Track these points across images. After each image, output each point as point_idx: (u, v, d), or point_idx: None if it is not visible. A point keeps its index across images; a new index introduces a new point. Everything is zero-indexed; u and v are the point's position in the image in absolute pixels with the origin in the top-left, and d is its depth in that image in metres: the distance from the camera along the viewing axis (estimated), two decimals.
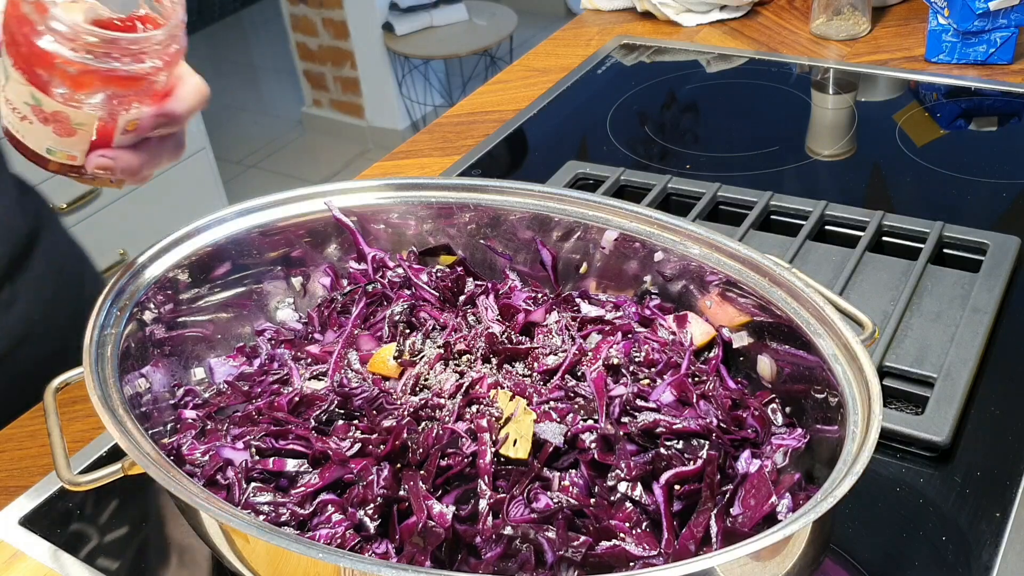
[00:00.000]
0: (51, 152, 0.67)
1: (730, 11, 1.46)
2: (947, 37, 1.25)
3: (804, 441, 0.61)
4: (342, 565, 0.48)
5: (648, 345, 0.68)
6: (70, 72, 0.61)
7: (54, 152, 0.67)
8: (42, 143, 0.66)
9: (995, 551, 0.64)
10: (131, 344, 0.66)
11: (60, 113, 0.64)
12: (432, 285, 0.75)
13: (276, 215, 0.75)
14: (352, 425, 0.62)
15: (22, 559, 0.70)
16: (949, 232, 0.90)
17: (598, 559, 0.54)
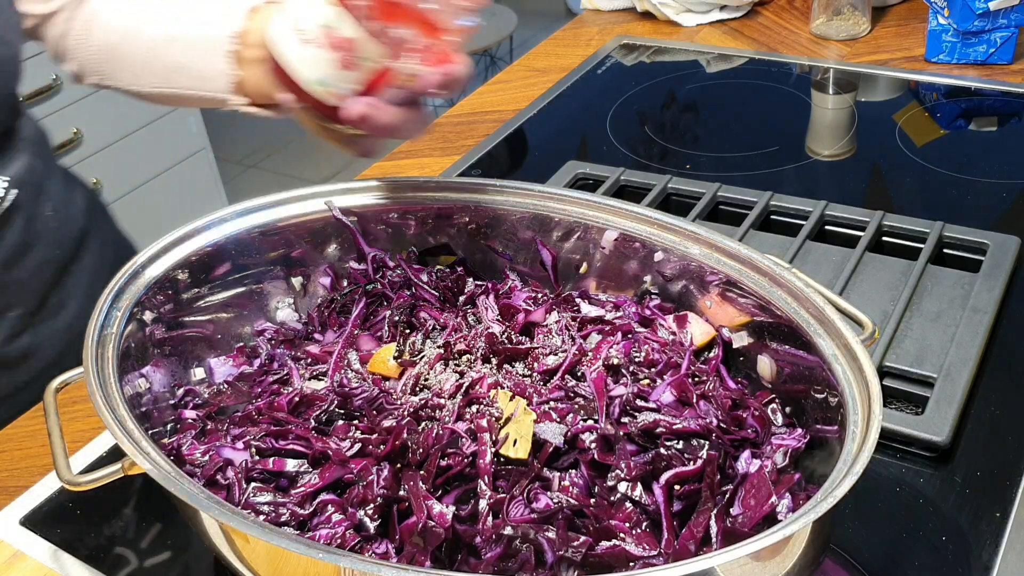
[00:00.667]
0: (322, 84, 0.65)
1: (730, 11, 1.46)
2: (947, 37, 1.25)
3: (804, 441, 0.61)
4: (342, 565, 0.48)
5: (648, 345, 0.68)
6: (398, 4, 0.60)
7: (325, 84, 0.65)
8: (316, 71, 0.65)
9: (995, 551, 0.64)
10: (131, 344, 0.66)
11: (353, 41, 0.62)
12: (432, 285, 0.75)
13: (276, 215, 0.75)
14: (352, 425, 0.62)
15: (22, 559, 0.70)
16: (949, 232, 0.90)
17: (598, 559, 0.54)
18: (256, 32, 0.78)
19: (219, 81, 0.81)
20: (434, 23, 0.61)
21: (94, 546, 0.71)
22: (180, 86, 0.84)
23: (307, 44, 0.64)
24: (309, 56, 0.65)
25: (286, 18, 0.67)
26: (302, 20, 0.64)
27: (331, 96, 0.67)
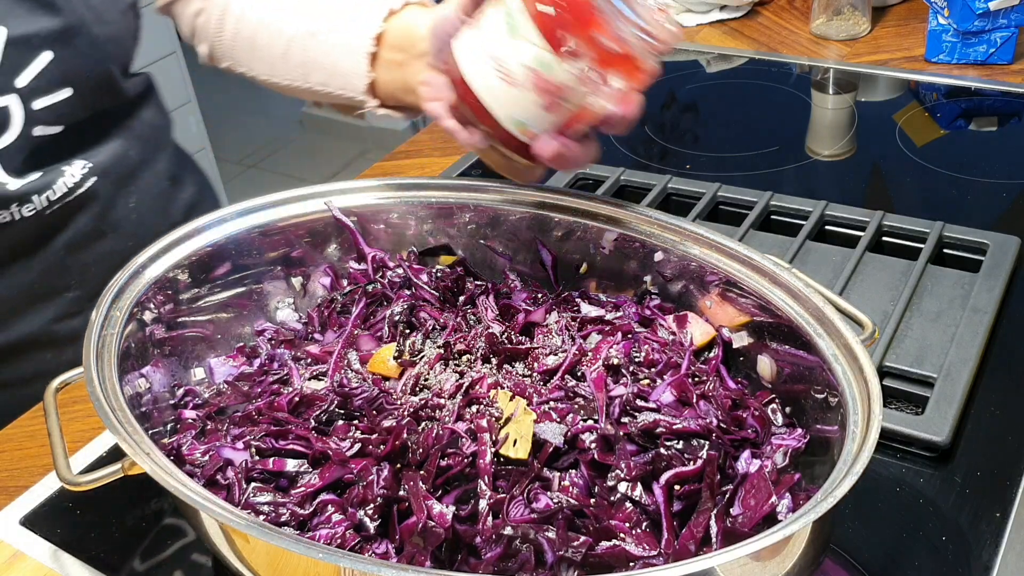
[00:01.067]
0: (518, 124, 0.64)
1: (730, 11, 1.46)
2: (947, 37, 1.25)
3: (804, 441, 0.61)
4: (342, 565, 0.48)
5: (648, 345, 0.68)
6: (607, 46, 0.59)
7: (522, 125, 0.64)
8: (513, 112, 0.63)
9: (995, 551, 0.64)
10: (131, 344, 0.66)
11: (562, 86, 0.61)
12: (432, 285, 0.75)
13: (276, 215, 0.75)
14: (352, 425, 0.62)
15: (22, 559, 0.70)
16: (949, 232, 0.90)
17: (598, 559, 0.54)
18: (395, 34, 0.79)
19: (355, 81, 0.82)
20: (636, 64, 0.61)
21: (94, 546, 0.70)
22: (315, 82, 0.85)
23: (510, 84, 0.62)
24: (511, 96, 0.63)
25: (480, 45, 0.64)
26: (505, 58, 0.62)
27: (526, 135, 0.65)
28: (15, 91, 0.80)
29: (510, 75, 0.62)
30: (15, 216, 0.84)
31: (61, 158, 0.86)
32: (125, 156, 0.92)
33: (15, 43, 0.79)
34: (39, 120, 0.83)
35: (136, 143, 0.94)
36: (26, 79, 0.80)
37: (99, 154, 0.89)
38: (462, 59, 0.65)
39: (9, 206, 0.83)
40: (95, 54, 0.85)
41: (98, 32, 0.85)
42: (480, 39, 0.64)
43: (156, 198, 0.96)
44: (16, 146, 0.82)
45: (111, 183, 0.91)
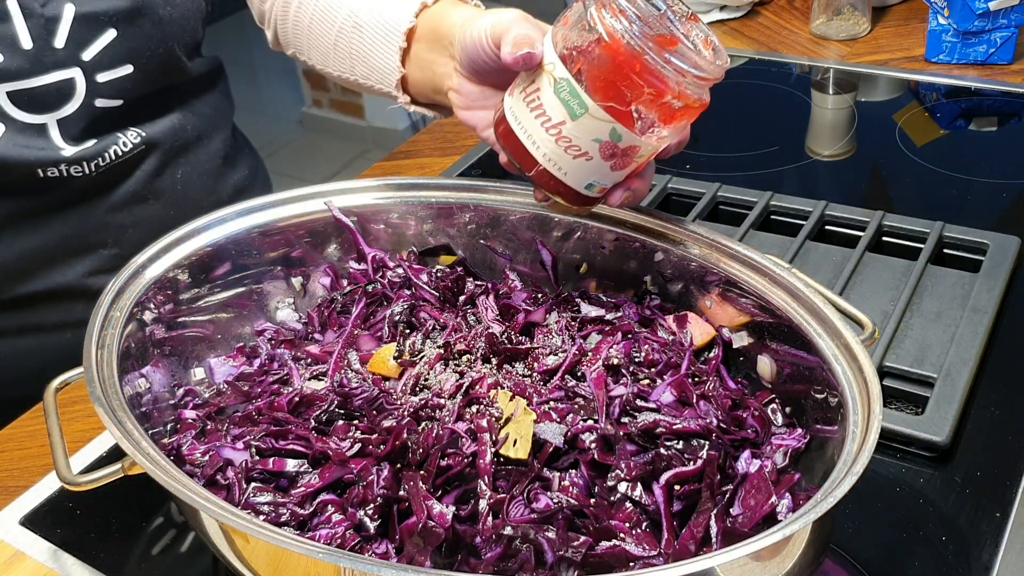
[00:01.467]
0: (590, 187, 0.65)
1: (730, 11, 1.46)
2: (947, 37, 1.25)
3: (804, 441, 0.61)
4: (342, 565, 0.48)
5: (648, 345, 0.68)
6: (672, 104, 0.61)
7: (593, 187, 0.66)
8: (586, 179, 0.65)
9: (995, 551, 0.64)
10: (131, 344, 0.66)
11: (632, 147, 0.63)
12: (432, 285, 0.75)
13: (276, 215, 0.75)
14: (352, 425, 0.62)
15: (22, 559, 0.70)
16: (949, 232, 0.90)
17: (598, 559, 0.54)
18: (425, 30, 0.79)
19: (390, 75, 0.82)
20: (697, 107, 0.63)
21: (94, 546, 0.70)
22: (360, 75, 0.86)
23: (578, 157, 0.63)
24: (575, 166, 0.64)
25: (540, 126, 0.64)
26: (574, 137, 0.62)
27: (597, 193, 0.67)
28: (80, 64, 0.84)
29: (580, 151, 0.63)
30: (63, 173, 0.87)
31: (117, 128, 0.89)
32: (181, 130, 0.95)
33: (83, 19, 0.83)
34: (100, 93, 0.86)
35: (194, 120, 0.96)
36: (91, 54, 0.84)
37: (155, 126, 0.92)
38: (525, 139, 0.65)
39: (59, 165, 0.86)
40: (158, 34, 0.88)
41: (163, 13, 0.88)
42: (539, 120, 0.64)
43: (205, 174, 0.99)
44: (77, 115, 0.86)
45: (162, 153, 0.93)
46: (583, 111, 0.61)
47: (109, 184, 0.91)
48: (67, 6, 0.82)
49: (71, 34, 0.83)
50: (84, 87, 0.85)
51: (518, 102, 0.65)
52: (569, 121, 0.62)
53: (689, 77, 0.60)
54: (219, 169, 1.01)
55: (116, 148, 0.89)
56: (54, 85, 0.83)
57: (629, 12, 0.59)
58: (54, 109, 0.84)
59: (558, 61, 0.62)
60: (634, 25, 0.59)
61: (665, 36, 0.60)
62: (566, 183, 0.65)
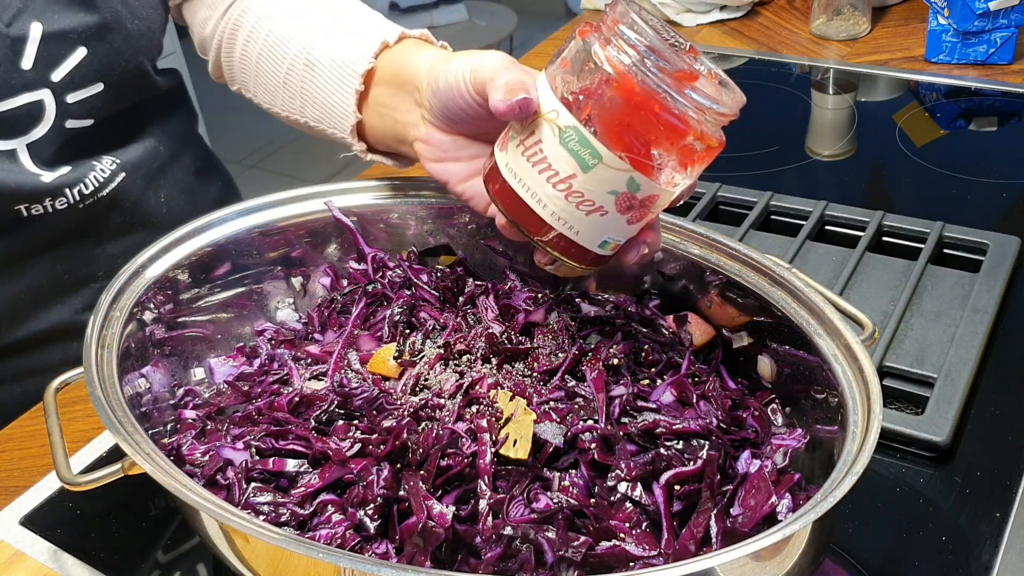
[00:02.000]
0: (603, 245, 0.59)
1: (730, 11, 1.46)
2: (947, 37, 1.25)
3: (804, 441, 0.61)
4: (342, 565, 0.48)
5: (648, 345, 0.68)
6: (693, 147, 0.56)
7: (607, 245, 0.59)
8: (600, 236, 0.59)
9: (995, 551, 0.64)
10: (131, 344, 0.66)
11: (651, 197, 0.57)
12: (432, 285, 0.75)
13: (276, 215, 0.75)
14: (352, 425, 0.62)
15: (22, 559, 0.70)
16: (949, 232, 0.90)
17: (598, 559, 0.54)
18: (386, 73, 0.73)
19: (344, 120, 0.77)
20: (715, 145, 0.58)
21: (94, 546, 0.70)
22: (311, 117, 0.81)
23: (591, 213, 0.57)
24: (589, 223, 0.57)
25: (544, 181, 0.57)
26: (588, 191, 0.56)
27: (611, 251, 0.60)
28: (49, 85, 0.81)
29: (595, 206, 0.57)
30: (48, 209, 0.85)
31: (91, 152, 0.87)
32: (155, 151, 0.93)
33: (51, 39, 0.80)
34: (71, 114, 0.84)
35: (165, 138, 0.95)
36: (60, 74, 0.81)
37: (129, 150, 0.90)
38: (529, 199, 0.58)
39: (43, 200, 0.84)
40: (128, 49, 0.86)
41: (131, 27, 0.85)
42: (544, 175, 0.57)
43: (184, 192, 0.98)
44: (48, 138, 0.83)
45: (141, 178, 0.92)
46: (596, 161, 0.55)
47: (95, 216, 0.89)
48: (34, 25, 0.79)
49: (39, 54, 0.79)
50: (54, 109, 0.82)
51: (515, 157, 0.59)
52: (580, 174, 0.56)
53: (710, 114, 0.55)
54: (195, 185, 1.00)
55: (94, 175, 0.87)
56: (23, 108, 0.80)
57: (640, 46, 0.53)
58: (23, 133, 0.81)
59: (561, 107, 0.56)
60: (647, 60, 0.53)
61: (683, 71, 0.53)
62: (579, 243, 0.59)
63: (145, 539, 0.71)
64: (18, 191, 0.82)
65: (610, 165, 0.55)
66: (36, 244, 0.87)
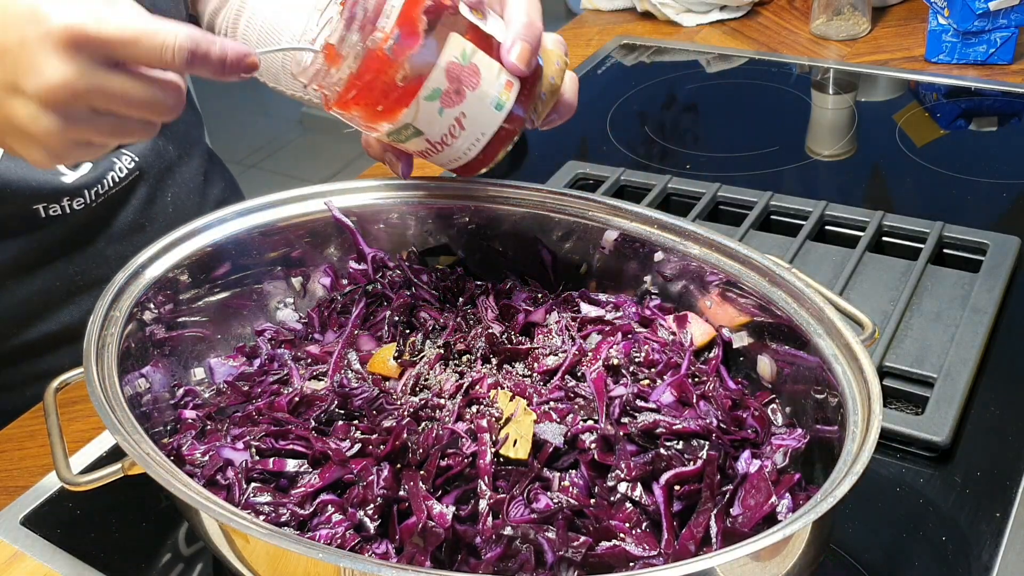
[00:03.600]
0: (500, 106, 0.64)
1: (730, 11, 1.46)
2: (947, 37, 1.25)
3: (804, 441, 0.61)
4: (342, 565, 0.48)
5: (648, 345, 0.68)
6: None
7: (503, 104, 0.64)
8: (487, 103, 0.64)
9: (995, 551, 0.64)
10: (131, 344, 0.66)
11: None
12: (432, 285, 0.75)
13: (276, 215, 0.75)
14: (352, 425, 0.62)
15: (22, 559, 0.70)
16: (949, 232, 0.90)
17: (598, 559, 0.54)
18: None
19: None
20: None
21: (94, 546, 0.70)
22: (312, 95, 0.84)
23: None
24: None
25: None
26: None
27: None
28: None
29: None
30: (65, 210, 0.86)
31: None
32: (165, 151, 0.95)
33: None
34: None
35: (173, 139, 0.96)
36: None
37: (144, 148, 0.92)
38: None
39: (61, 199, 0.85)
40: None
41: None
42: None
43: (191, 193, 0.99)
44: None
45: (152, 177, 0.93)
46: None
47: (108, 215, 0.90)
48: None
49: None
50: None
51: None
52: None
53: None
54: (202, 187, 1.01)
55: (113, 174, 0.89)
56: None
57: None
58: None
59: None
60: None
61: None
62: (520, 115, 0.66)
63: (145, 539, 0.71)
64: (39, 190, 0.84)
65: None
66: (51, 245, 0.88)
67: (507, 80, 0.64)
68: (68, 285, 0.90)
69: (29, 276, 0.88)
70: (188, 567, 0.69)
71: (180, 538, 0.71)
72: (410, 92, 0.61)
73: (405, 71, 0.60)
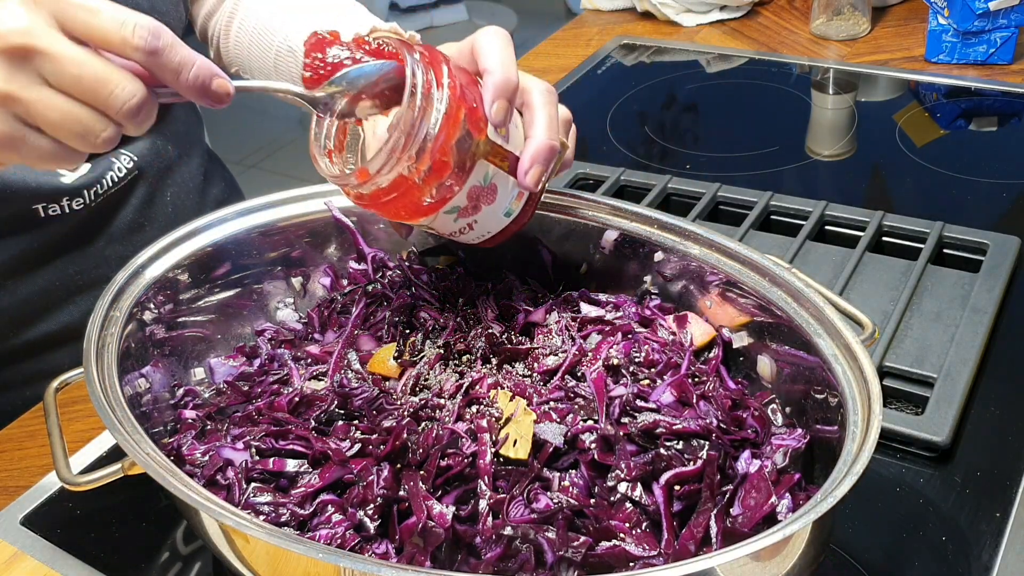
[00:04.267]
0: (509, 214, 0.67)
1: (730, 11, 1.46)
2: (947, 37, 1.25)
3: (804, 441, 0.61)
4: (342, 565, 0.48)
5: (648, 345, 0.68)
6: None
7: (512, 212, 0.67)
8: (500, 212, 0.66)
9: (995, 551, 0.64)
10: (131, 344, 0.66)
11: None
12: (432, 285, 0.75)
13: (276, 215, 0.75)
14: (352, 425, 0.62)
15: (22, 559, 0.70)
16: (949, 232, 0.90)
17: (598, 559, 0.54)
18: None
19: None
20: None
21: (94, 546, 0.71)
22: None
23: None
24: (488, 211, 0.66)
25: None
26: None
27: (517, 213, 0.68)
28: None
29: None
30: (65, 209, 0.86)
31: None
32: (164, 150, 0.95)
33: None
34: None
35: (173, 139, 0.97)
36: None
37: (143, 148, 0.92)
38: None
39: (61, 199, 0.85)
40: None
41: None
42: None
43: (190, 193, 0.99)
44: None
45: (152, 177, 0.94)
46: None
47: (107, 215, 0.90)
48: None
49: None
50: None
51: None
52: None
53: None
54: (201, 187, 1.01)
55: (112, 174, 0.89)
56: None
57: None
58: None
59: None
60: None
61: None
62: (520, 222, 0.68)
63: (145, 539, 0.71)
64: (38, 190, 0.84)
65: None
66: (51, 245, 0.88)
67: (519, 192, 0.66)
68: (68, 285, 0.90)
69: (29, 276, 0.88)
70: (188, 567, 0.69)
71: (180, 538, 0.71)
72: (432, 209, 0.63)
73: (431, 194, 0.62)
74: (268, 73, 0.92)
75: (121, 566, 0.69)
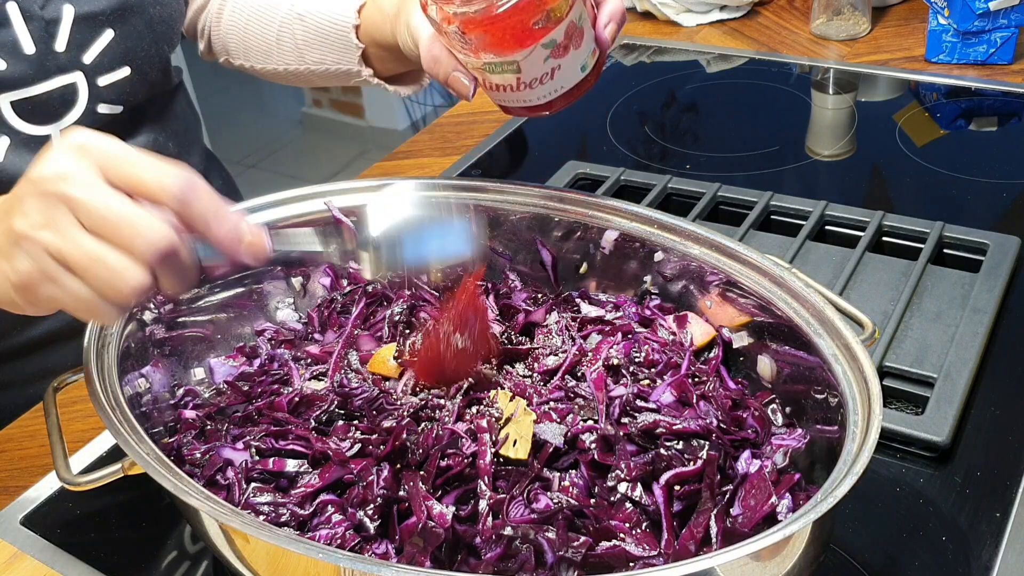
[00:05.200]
0: (584, 68, 0.69)
1: (730, 11, 1.46)
2: (947, 37, 1.25)
3: (804, 441, 0.61)
4: (342, 565, 0.48)
5: (648, 345, 0.68)
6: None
7: (587, 67, 0.69)
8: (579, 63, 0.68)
9: (995, 551, 0.64)
10: (131, 344, 0.66)
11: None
12: (432, 285, 0.75)
13: (276, 215, 0.75)
14: (352, 425, 0.62)
15: (22, 559, 0.70)
16: (949, 232, 0.90)
17: (598, 559, 0.54)
18: (372, 10, 0.82)
19: (349, 53, 0.85)
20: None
21: (94, 546, 0.70)
22: (312, 62, 0.88)
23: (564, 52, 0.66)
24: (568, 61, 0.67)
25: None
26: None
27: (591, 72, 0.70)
28: (81, 68, 0.84)
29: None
30: None
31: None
32: (165, 147, 0.95)
33: (81, 21, 0.83)
34: (102, 98, 0.86)
35: (172, 137, 0.97)
36: (91, 56, 0.84)
37: (143, 144, 0.92)
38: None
39: None
40: (149, 34, 0.88)
41: (152, 12, 0.88)
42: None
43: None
44: (81, 123, 0.85)
45: None
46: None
47: None
48: (66, 7, 0.81)
49: (71, 36, 0.82)
50: (86, 92, 0.84)
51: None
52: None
53: None
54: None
55: None
56: (57, 92, 0.82)
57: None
58: (58, 118, 0.84)
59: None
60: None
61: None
62: (572, 83, 0.69)
63: (145, 539, 0.71)
64: None
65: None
66: None
67: (594, 48, 0.69)
68: None
69: None
70: (188, 567, 0.69)
71: (180, 538, 0.71)
72: (536, 36, 0.64)
73: (542, 18, 0.63)
74: (268, 49, 0.93)
75: (121, 566, 0.69)
